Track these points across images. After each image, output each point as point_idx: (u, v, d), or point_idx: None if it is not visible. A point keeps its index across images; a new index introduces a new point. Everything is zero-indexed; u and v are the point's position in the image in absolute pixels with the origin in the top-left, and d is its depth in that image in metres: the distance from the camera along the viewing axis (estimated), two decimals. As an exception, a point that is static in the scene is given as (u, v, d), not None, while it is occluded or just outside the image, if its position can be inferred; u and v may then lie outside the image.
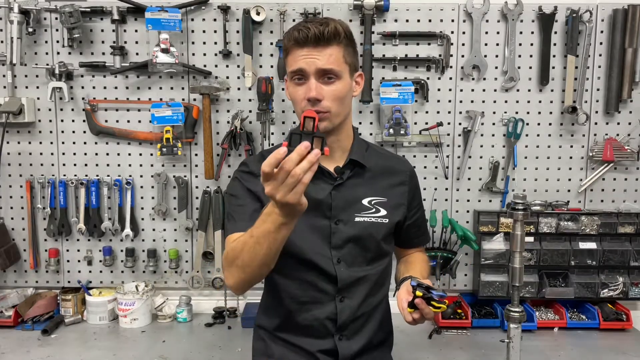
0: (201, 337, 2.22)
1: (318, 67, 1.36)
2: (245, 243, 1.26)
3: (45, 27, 2.35)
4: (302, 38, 1.35)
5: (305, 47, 1.36)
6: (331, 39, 1.36)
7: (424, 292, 1.29)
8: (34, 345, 2.12)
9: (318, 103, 1.36)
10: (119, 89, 2.39)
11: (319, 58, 1.35)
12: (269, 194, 1.11)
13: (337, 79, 1.38)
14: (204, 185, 2.42)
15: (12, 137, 2.40)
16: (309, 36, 1.34)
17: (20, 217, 2.44)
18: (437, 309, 1.29)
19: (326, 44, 1.36)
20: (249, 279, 1.32)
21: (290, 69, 1.40)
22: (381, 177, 1.52)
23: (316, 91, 1.35)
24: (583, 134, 2.40)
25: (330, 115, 1.39)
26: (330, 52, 1.36)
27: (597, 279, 2.34)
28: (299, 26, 1.37)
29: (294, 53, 1.38)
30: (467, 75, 2.37)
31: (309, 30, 1.34)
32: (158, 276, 2.48)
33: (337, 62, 1.37)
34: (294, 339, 1.48)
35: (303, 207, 1.14)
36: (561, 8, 2.32)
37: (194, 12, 2.36)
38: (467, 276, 2.47)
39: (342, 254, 1.45)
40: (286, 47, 1.41)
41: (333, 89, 1.38)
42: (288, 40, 1.39)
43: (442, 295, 1.30)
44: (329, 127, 1.40)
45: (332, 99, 1.38)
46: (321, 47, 1.35)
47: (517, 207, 1.62)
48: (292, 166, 1.07)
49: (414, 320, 1.31)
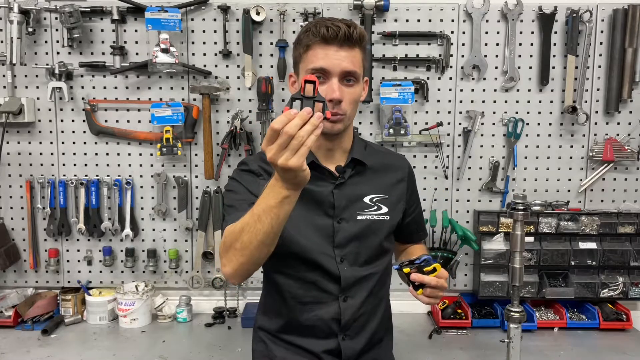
0: (201, 337, 2.22)
1: (343, 68, 1.34)
2: (246, 223, 1.20)
3: (45, 27, 2.35)
4: (332, 35, 1.31)
5: (331, 45, 1.32)
6: (357, 42, 1.34)
7: (410, 267, 1.30)
8: (34, 345, 2.12)
9: (338, 105, 1.35)
10: (118, 89, 2.39)
11: (344, 59, 1.33)
12: (271, 160, 1.06)
13: (356, 82, 1.38)
14: (204, 185, 2.42)
15: (12, 137, 2.40)
16: (339, 35, 1.31)
17: (20, 217, 2.44)
18: (433, 272, 1.30)
19: (352, 46, 1.34)
20: (248, 262, 1.24)
21: (311, 66, 1.35)
22: (381, 174, 1.53)
23: (340, 92, 1.34)
24: (583, 134, 2.40)
25: (345, 117, 1.38)
26: (355, 54, 1.35)
27: (597, 279, 2.34)
28: (325, 22, 1.33)
29: (317, 49, 1.34)
30: (467, 75, 2.37)
31: (339, 28, 1.30)
32: (158, 276, 2.48)
33: (359, 65, 1.37)
34: (297, 340, 1.48)
35: (306, 175, 1.09)
36: (561, 8, 2.32)
37: (194, 12, 2.36)
38: (467, 276, 2.47)
39: (345, 253, 1.45)
40: (307, 42, 1.36)
41: (352, 91, 1.37)
42: (313, 35, 1.34)
43: (426, 259, 1.31)
44: (341, 129, 1.40)
45: (350, 101, 1.37)
46: (347, 48, 1.33)
47: (517, 207, 1.62)
48: (295, 130, 1.03)
49: (428, 297, 1.32)
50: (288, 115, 1.04)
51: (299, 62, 1.40)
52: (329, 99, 1.33)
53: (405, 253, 1.66)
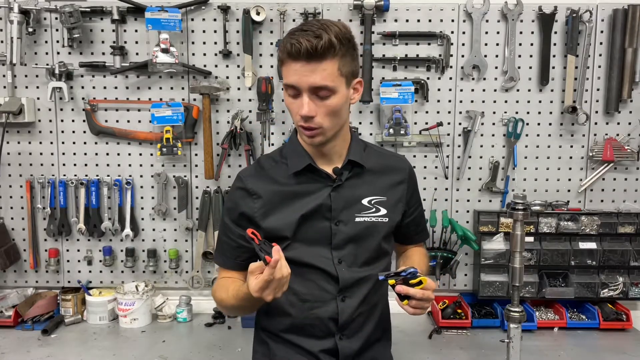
0: (201, 337, 2.22)
1: (310, 84, 1.29)
2: (227, 300, 1.43)
3: (45, 27, 2.35)
4: (295, 52, 1.27)
5: (298, 61, 1.28)
6: (325, 53, 1.27)
7: (395, 279, 1.30)
8: (34, 345, 2.12)
9: (311, 120, 1.33)
10: (119, 89, 2.39)
11: (311, 74, 1.28)
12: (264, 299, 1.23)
13: (332, 94, 1.33)
14: (204, 185, 2.42)
15: (12, 137, 2.40)
16: (301, 51, 1.26)
17: (20, 217, 2.44)
18: (418, 284, 1.30)
19: (320, 59, 1.27)
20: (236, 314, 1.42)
21: (284, 82, 1.35)
22: (381, 176, 1.52)
23: (308, 108, 1.31)
24: (583, 134, 2.40)
25: (324, 130, 1.36)
26: (324, 67, 1.28)
27: (597, 279, 2.34)
28: (292, 37, 1.29)
29: (287, 66, 1.32)
30: (467, 75, 2.37)
31: (301, 44, 1.25)
32: (158, 276, 2.48)
33: (331, 77, 1.30)
34: (297, 339, 1.48)
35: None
36: (561, 8, 2.32)
37: (194, 12, 2.36)
38: (467, 276, 2.47)
39: (343, 255, 1.45)
40: (280, 57, 1.34)
41: (327, 104, 1.33)
42: (282, 51, 1.33)
43: (412, 272, 1.31)
44: (323, 141, 1.39)
45: (325, 114, 1.34)
46: (315, 63, 1.27)
47: (517, 207, 1.62)
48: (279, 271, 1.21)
49: (413, 308, 1.32)
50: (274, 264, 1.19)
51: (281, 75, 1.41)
52: (300, 115, 1.33)
53: (404, 256, 1.65)
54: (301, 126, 1.36)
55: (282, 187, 1.45)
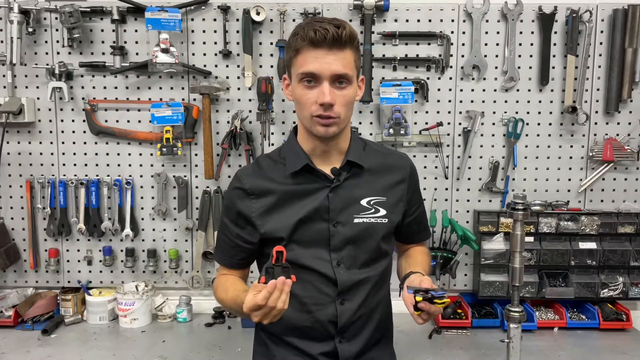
0: (201, 337, 2.22)
1: (333, 71, 1.30)
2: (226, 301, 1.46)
3: (45, 27, 2.35)
4: (319, 39, 1.27)
5: (320, 48, 1.29)
6: (347, 43, 1.30)
7: (423, 296, 1.29)
8: (34, 345, 2.12)
9: (331, 108, 1.33)
10: (119, 89, 2.39)
11: (334, 62, 1.30)
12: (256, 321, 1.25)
13: (349, 84, 1.35)
14: (204, 185, 2.42)
15: (12, 137, 2.40)
16: (327, 38, 1.27)
17: (20, 217, 2.44)
18: (441, 304, 1.30)
19: (342, 47, 1.30)
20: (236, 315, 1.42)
21: (301, 70, 1.33)
22: (380, 175, 1.50)
23: (331, 96, 1.31)
24: (583, 134, 2.40)
25: (340, 120, 1.36)
26: (344, 56, 1.31)
27: (597, 279, 2.34)
28: (313, 25, 1.29)
29: (306, 53, 1.31)
30: (467, 75, 2.37)
31: (327, 31, 1.27)
32: (158, 276, 2.48)
33: (351, 67, 1.33)
34: (296, 342, 1.48)
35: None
36: (561, 8, 2.32)
37: (194, 12, 2.36)
38: (467, 276, 2.47)
39: (341, 257, 1.44)
40: (296, 46, 1.33)
41: (345, 93, 1.34)
42: (301, 39, 1.31)
43: (442, 294, 1.30)
44: (337, 131, 1.38)
45: (343, 104, 1.35)
46: (337, 50, 1.30)
47: (517, 207, 1.62)
48: (274, 302, 1.21)
49: (423, 320, 1.33)
50: (269, 290, 1.20)
51: (290, 66, 1.39)
52: (321, 103, 1.32)
53: (406, 256, 1.63)
54: (318, 116, 1.34)
55: (280, 187, 1.44)
